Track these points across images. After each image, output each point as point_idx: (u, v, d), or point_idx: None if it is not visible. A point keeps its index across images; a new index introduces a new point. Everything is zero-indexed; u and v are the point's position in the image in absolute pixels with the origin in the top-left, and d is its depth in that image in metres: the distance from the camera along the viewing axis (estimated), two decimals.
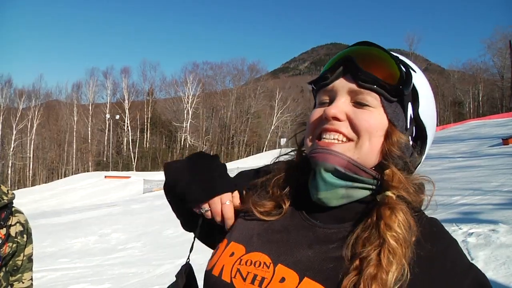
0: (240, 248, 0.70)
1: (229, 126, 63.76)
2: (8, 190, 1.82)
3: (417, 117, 0.72)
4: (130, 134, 61.57)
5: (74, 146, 60.02)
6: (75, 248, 8.88)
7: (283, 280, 0.64)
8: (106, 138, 60.70)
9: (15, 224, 1.81)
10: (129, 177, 38.64)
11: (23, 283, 1.83)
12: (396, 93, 0.68)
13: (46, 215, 18.63)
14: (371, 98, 0.68)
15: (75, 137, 60.22)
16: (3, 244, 1.73)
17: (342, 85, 0.70)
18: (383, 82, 0.67)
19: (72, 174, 52.09)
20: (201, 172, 0.80)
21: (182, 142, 62.18)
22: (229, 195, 0.79)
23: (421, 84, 0.73)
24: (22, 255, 1.83)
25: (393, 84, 0.68)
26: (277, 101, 60.97)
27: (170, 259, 6.30)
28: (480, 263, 3.42)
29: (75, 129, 60.46)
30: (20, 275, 1.83)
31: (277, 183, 0.77)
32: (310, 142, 0.72)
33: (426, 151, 0.76)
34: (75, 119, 60.69)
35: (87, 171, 53.44)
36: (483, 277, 0.65)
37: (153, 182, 31.01)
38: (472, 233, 4.27)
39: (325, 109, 0.69)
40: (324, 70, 0.74)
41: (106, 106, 62.56)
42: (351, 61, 0.69)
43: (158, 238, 8.74)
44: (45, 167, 59.65)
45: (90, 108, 61.98)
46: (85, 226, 11.94)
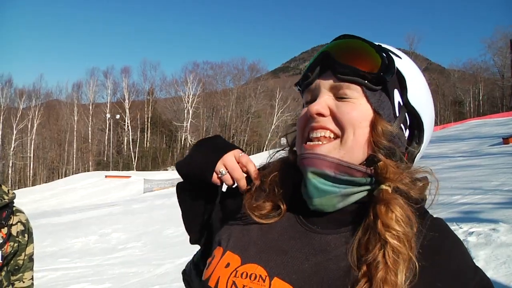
0: (236, 259, 0.68)
1: (229, 126, 63.76)
2: (8, 190, 1.83)
3: (407, 103, 0.69)
4: (130, 133, 61.60)
5: (75, 146, 60.04)
6: (75, 247, 8.89)
7: None
8: (106, 137, 60.73)
9: (16, 224, 1.81)
10: (129, 176, 38.66)
11: (23, 282, 1.84)
12: (378, 81, 0.66)
13: (47, 214, 18.64)
14: (351, 90, 0.66)
15: (75, 137, 60.25)
16: (4, 243, 1.73)
17: (323, 82, 0.69)
18: (363, 72, 0.65)
19: (73, 174, 52.13)
20: (206, 146, 0.82)
21: (182, 141, 62.20)
22: (239, 151, 0.80)
23: (408, 70, 0.70)
24: (23, 254, 1.83)
25: (374, 72, 0.65)
26: (277, 100, 60.92)
27: (170, 258, 6.30)
28: (481, 262, 3.42)
29: (75, 129, 60.48)
30: (21, 274, 1.83)
31: (274, 180, 0.75)
32: (300, 144, 0.71)
33: (425, 140, 0.73)
34: (75, 118, 60.72)
35: (88, 171, 53.50)
36: (487, 282, 0.62)
37: (154, 182, 31.03)
38: (473, 232, 4.27)
39: (309, 106, 0.68)
40: (305, 70, 0.73)
41: (107, 106, 62.59)
42: (328, 56, 0.68)
43: (159, 238, 8.74)
44: (45, 167, 59.68)
45: (91, 107, 62.01)
46: (85, 225, 11.95)
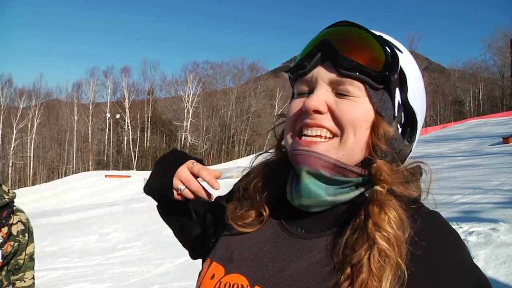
0: (220, 269, 0.67)
1: (229, 125, 63.78)
2: (9, 189, 1.83)
3: (405, 102, 0.65)
4: (130, 133, 61.61)
5: (75, 145, 60.06)
6: (75, 247, 8.89)
7: None
8: (106, 137, 60.74)
9: (16, 223, 1.81)
10: (129, 176, 38.65)
11: (24, 282, 1.84)
12: (382, 79, 0.61)
13: (47, 214, 18.65)
14: (354, 87, 0.61)
15: (75, 136, 60.27)
16: (4, 242, 1.73)
17: (322, 74, 0.62)
18: (367, 68, 0.60)
19: (73, 173, 52.09)
20: (162, 164, 0.81)
21: (182, 141, 62.20)
22: (191, 161, 0.78)
23: (408, 66, 0.66)
24: (23, 254, 1.83)
25: (378, 70, 0.60)
26: (277, 100, 60.85)
27: (170, 258, 6.30)
28: (481, 262, 3.42)
29: (75, 128, 60.50)
30: (22, 274, 1.83)
31: (256, 187, 0.72)
32: (290, 139, 0.66)
33: (417, 137, 0.70)
34: (75, 118, 60.73)
35: (88, 170, 53.50)
36: (486, 281, 0.60)
37: None
38: (473, 232, 4.27)
39: (305, 101, 0.62)
40: (301, 57, 0.66)
41: (107, 105, 62.61)
42: (329, 46, 0.61)
43: (159, 238, 8.73)
44: (45, 167, 59.70)
45: (91, 107, 62.03)
46: (85, 225, 11.95)
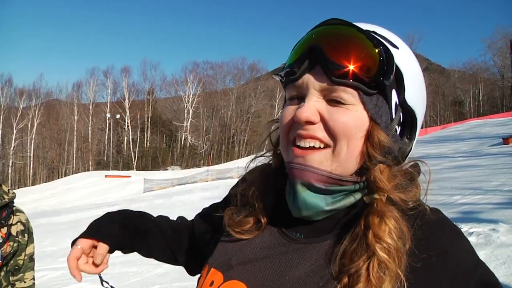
0: (219, 276, 0.66)
1: (229, 126, 63.78)
2: (8, 190, 1.83)
3: (403, 103, 0.62)
4: (130, 133, 61.61)
5: (75, 145, 60.07)
6: None
7: None
8: (106, 137, 60.75)
9: (16, 223, 1.81)
10: (129, 176, 38.68)
11: (24, 282, 1.84)
12: (376, 84, 0.58)
13: (47, 214, 18.65)
14: (347, 95, 0.58)
15: (75, 136, 60.28)
16: (4, 243, 1.73)
17: (312, 81, 0.59)
18: (360, 74, 0.57)
19: (73, 174, 52.12)
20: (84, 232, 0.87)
21: (182, 141, 62.23)
22: (83, 241, 0.82)
23: (405, 63, 0.62)
24: (23, 254, 1.83)
25: (372, 75, 0.57)
26: (277, 100, 60.86)
27: None
28: None
29: (75, 128, 60.51)
30: (22, 274, 1.83)
31: (254, 194, 0.71)
32: (285, 150, 0.65)
33: (417, 134, 0.67)
34: (75, 118, 60.74)
35: (88, 170, 53.52)
36: (490, 276, 0.58)
37: (154, 182, 31.03)
38: (473, 232, 4.27)
39: (297, 111, 0.59)
40: (289, 62, 0.63)
41: (107, 106, 62.62)
42: (318, 52, 0.58)
43: None
44: (45, 167, 59.71)
45: (91, 107, 62.04)
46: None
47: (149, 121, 63.17)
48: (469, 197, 6.60)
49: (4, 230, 1.75)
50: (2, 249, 1.72)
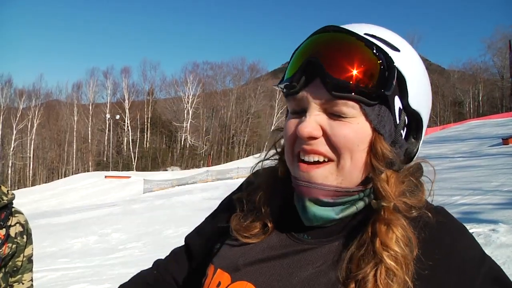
0: (226, 277, 0.66)
1: (229, 126, 63.80)
2: (8, 191, 1.82)
3: (407, 106, 0.61)
4: (130, 134, 61.62)
5: (74, 146, 60.06)
6: (75, 248, 8.89)
7: None
8: (106, 138, 60.74)
9: (15, 225, 1.81)
10: (129, 177, 38.68)
11: (23, 284, 1.83)
12: (377, 94, 0.57)
13: (46, 215, 18.65)
14: (348, 108, 0.57)
15: (75, 137, 60.27)
16: (2, 244, 1.73)
17: (313, 95, 0.59)
18: (360, 87, 0.56)
19: (72, 174, 52.15)
20: None
21: (182, 142, 62.23)
22: None
23: (408, 66, 0.61)
24: (22, 256, 1.83)
25: (373, 86, 0.56)
26: (277, 101, 60.83)
27: None
28: None
29: (75, 129, 60.51)
30: (20, 276, 1.83)
31: (261, 198, 0.71)
32: (291, 163, 0.65)
33: (423, 135, 0.67)
34: (75, 119, 60.74)
35: (87, 171, 53.51)
36: (499, 272, 0.59)
37: (153, 182, 31.04)
38: (472, 232, 4.25)
39: (298, 127, 0.59)
40: (288, 76, 0.62)
41: (106, 106, 62.60)
42: (316, 66, 0.57)
43: (158, 238, 8.74)
44: (45, 167, 59.69)
45: (90, 108, 62.03)
46: (85, 226, 11.93)
47: (149, 121, 63.19)
48: (468, 197, 6.60)
49: (3, 231, 1.75)
50: (1, 250, 1.72)
